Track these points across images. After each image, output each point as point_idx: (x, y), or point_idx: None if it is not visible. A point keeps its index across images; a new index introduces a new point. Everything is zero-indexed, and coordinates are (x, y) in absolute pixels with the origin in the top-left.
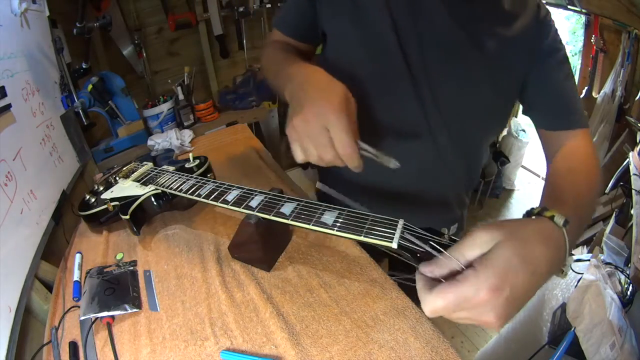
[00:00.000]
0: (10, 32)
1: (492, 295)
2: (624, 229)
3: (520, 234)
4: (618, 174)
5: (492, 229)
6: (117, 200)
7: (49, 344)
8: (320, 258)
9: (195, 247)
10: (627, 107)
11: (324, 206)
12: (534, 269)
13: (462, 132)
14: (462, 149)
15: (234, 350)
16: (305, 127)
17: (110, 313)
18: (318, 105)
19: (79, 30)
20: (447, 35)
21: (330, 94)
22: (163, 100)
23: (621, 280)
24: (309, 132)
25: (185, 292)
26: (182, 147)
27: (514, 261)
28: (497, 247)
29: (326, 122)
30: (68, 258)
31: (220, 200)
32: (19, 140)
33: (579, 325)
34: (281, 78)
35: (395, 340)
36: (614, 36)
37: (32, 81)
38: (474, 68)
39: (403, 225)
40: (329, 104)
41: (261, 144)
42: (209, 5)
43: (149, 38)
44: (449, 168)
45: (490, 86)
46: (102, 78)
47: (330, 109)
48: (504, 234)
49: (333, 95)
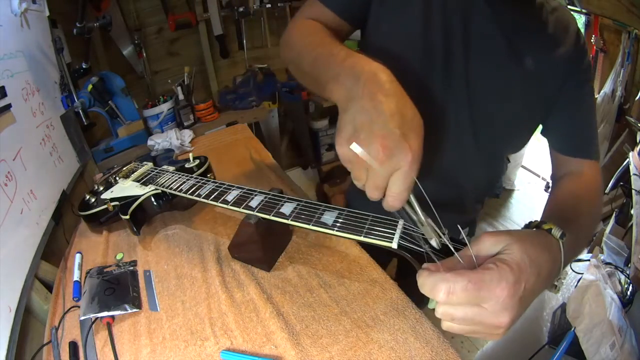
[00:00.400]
0: (10, 32)
1: (511, 290)
2: (624, 229)
3: (527, 239)
4: (618, 174)
5: (499, 234)
6: (117, 200)
7: (49, 344)
8: (320, 258)
9: (195, 247)
10: (627, 107)
11: (324, 206)
12: (539, 272)
13: (488, 141)
14: (485, 157)
15: (234, 350)
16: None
17: (110, 313)
18: (395, 144)
19: (79, 30)
20: (493, 43)
21: (413, 133)
22: (163, 100)
23: (621, 280)
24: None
25: (185, 292)
26: (182, 147)
27: (527, 261)
28: (510, 248)
29: (396, 168)
30: (68, 258)
31: (220, 200)
32: (19, 140)
33: (579, 325)
34: (329, 66)
35: (395, 340)
36: (614, 36)
37: (32, 81)
38: (511, 80)
39: (403, 225)
40: (409, 150)
41: (261, 144)
42: (209, 5)
43: (149, 38)
44: (471, 174)
45: (523, 101)
46: (102, 78)
47: (407, 158)
48: (512, 237)
49: (415, 135)
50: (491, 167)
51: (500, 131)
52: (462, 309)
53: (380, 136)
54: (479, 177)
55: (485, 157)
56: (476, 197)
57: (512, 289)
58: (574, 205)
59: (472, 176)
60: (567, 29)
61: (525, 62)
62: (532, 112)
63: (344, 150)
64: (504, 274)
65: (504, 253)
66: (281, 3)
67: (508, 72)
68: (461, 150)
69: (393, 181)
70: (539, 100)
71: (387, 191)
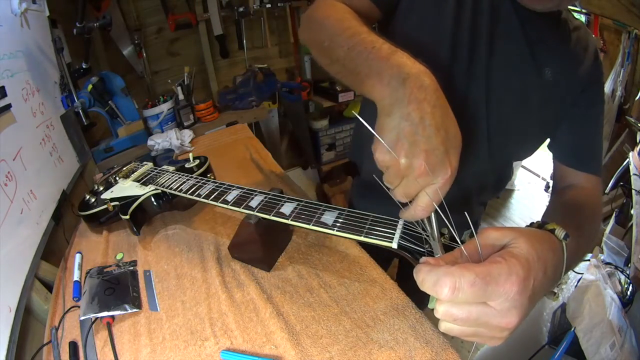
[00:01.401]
0: (10, 32)
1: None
2: (624, 229)
3: (533, 235)
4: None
5: (503, 228)
6: (117, 200)
7: (49, 344)
8: (320, 258)
9: (195, 247)
10: (627, 107)
11: (324, 206)
12: (545, 269)
13: (501, 146)
14: (495, 162)
15: (234, 350)
16: (408, 173)
17: (110, 313)
18: (438, 160)
19: (79, 30)
20: (516, 48)
21: (454, 150)
22: (163, 100)
23: (621, 280)
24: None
25: (185, 292)
26: (182, 147)
27: (535, 256)
28: (516, 242)
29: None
30: (68, 258)
31: (220, 200)
32: (19, 140)
33: (579, 325)
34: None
35: (395, 340)
36: (613, 36)
37: (32, 81)
38: (529, 88)
39: (403, 225)
40: (449, 168)
41: (261, 144)
42: (209, 5)
43: (149, 38)
44: (479, 177)
45: (538, 110)
46: (102, 78)
47: (446, 175)
48: (518, 232)
49: (455, 152)
50: (500, 172)
51: (512, 137)
52: (466, 307)
53: (424, 150)
54: (487, 181)
55: (496, 163)
56: (482, 199)
57: (522, 284)
58: (577, 213)
59: (480, 179)
60: (587, 48)
61: (544, 72)
62: (545, 122)
63: (384, 157)
64: (514, 268)
65: (511, 246)
66: (281, 3)
67: (527, 80)
68: (474, 152)
69: (425, 194)
70: (553, 112)
71: (416, 201)
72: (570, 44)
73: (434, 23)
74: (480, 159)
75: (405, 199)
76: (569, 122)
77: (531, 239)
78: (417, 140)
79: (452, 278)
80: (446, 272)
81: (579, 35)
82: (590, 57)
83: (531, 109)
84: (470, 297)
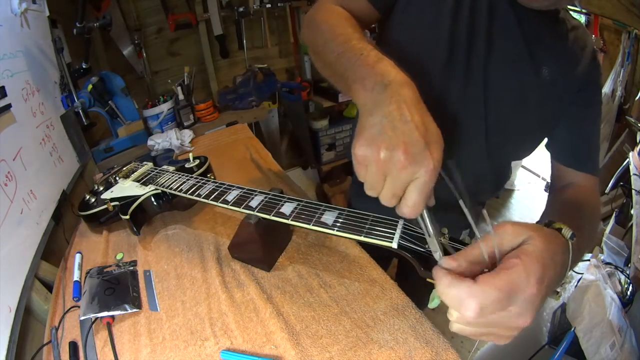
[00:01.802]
0: (10, 32)
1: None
2: (624, 229)
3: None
4: (618, 174)
5: (520, 224)
6: (117, 200)
7: (49, 344)
8: (320, 258)
9: (195, 247)
10: (627, 107)
11: (324, 206)
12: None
13: (499, 145)
14: (494, 162)
15: (234, 350)
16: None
17: (110, 313)
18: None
19: (79, 30)
20: (514, 47)
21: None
22: (163, 100)
23: (621, 280)
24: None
25: (185, 292)
26: (182, 147)
27: (549, 256)
28: (532, 240)
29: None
30: (68, 258)
31: (220, 200)
32: (19, 140)
33: (579, 325)
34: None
35: (395, 340)
36: (613, 36)
37: (32, 81)
38: (527, 86)
39: (403, 225)
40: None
41: (261, 144)
42: (209, 5)
43: (149, 38)
44: (478, 177)
45: (536, 109)
46: (102, 78)
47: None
48: (532, 229)
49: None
50: (498, 172)
51: (511, 136)
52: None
53: (404, 142)
54: (485, 180)
55: (494, 162)
56: (480, 199)
57: (539, 286)
58: (577, 213)
59: (479, 179)
60: (584, 48)
61: (542, 71)
62: (543, 121)
63: (363, 151)
64: (531, 269)
65: (529, 245)
66: (281, 3)
67: (524, 78)
68: (471, 155)
69: (410, 190)
70: (551, 111)
71: (403, 201)
72: (568, 43)
73: (431, 21)
74: (479, 158)
75: (394, 200)
76: (566, 121)
77: (545, 237)
78: (397, 134)
79: (476, 300)
80: (469, 293)
81: (577, 34)
82: (588, 57)
83: (529, 108)
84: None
